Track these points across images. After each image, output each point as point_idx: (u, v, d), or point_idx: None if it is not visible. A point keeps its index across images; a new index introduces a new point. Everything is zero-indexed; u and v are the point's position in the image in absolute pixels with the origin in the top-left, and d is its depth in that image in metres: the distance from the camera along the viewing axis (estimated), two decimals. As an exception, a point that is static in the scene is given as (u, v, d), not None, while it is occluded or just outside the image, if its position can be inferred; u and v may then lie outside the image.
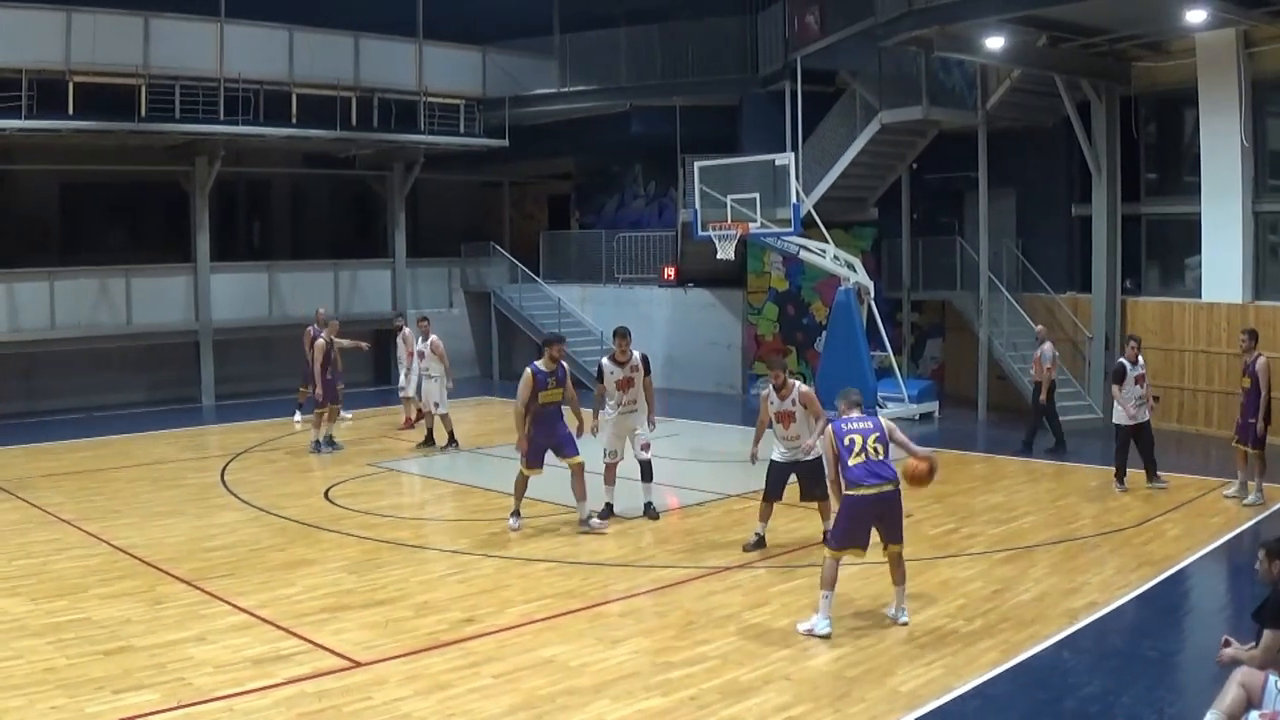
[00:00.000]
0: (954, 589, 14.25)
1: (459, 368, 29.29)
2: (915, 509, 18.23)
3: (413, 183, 37.03)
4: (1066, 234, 29.88)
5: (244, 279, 34.07)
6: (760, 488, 16.37)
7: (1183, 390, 26.65)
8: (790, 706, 10.52)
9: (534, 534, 17.23)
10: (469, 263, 39.62)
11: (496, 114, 36.20)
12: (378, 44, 34.22)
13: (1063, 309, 29.02)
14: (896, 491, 12.83)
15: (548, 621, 13.00)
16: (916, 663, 11.62)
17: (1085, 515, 18.37)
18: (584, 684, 11.07)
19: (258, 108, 31.54)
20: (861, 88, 30.66)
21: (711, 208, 28.19)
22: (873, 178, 32.06)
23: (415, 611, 13.36)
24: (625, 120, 36.49)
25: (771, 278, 33.51)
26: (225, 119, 30.74)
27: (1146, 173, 28.73)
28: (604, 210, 40.30)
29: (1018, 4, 23.83)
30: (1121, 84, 27.47)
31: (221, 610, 13.34)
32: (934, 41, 25.16)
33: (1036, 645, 12.13)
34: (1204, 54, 25.70)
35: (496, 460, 22.49)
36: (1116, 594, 13.95)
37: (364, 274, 36.77)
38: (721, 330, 33.52)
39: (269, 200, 39.97)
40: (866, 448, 12.76)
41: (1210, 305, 26.07)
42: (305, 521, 17.83)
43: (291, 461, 23.47)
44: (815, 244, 28.39)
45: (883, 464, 12.73)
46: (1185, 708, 10.17)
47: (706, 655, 11.85)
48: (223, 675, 11.17)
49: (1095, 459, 23.30)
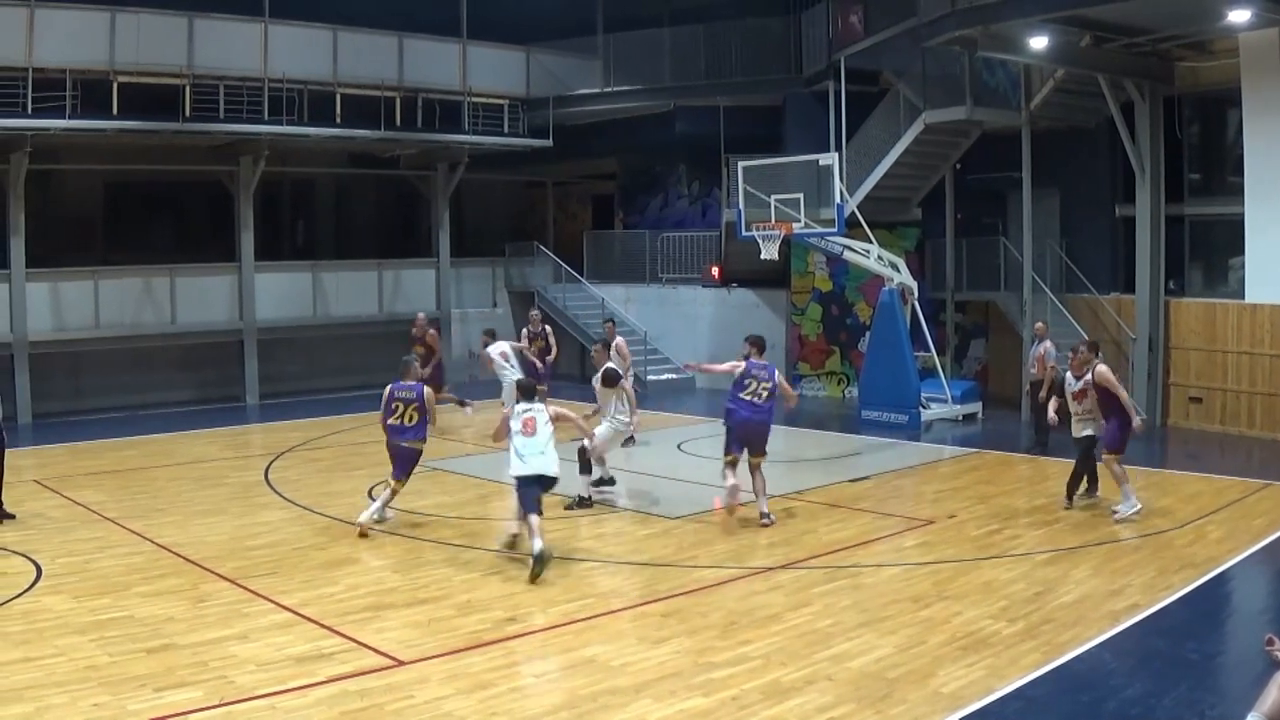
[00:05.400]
0: (996, 590, 14.19)
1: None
2: (959, 509, 18.29)
3: (457, 182, 37.03)
4: (1110, 235, 29.81)
5: (288, 279, 34.14)
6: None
7: (1225, 392, 26.51)
8: (832, 707, 10.51)
9: (577, 533, 17.30)
10: (513, 262, 39.70)
11: (540, 114, 36.25)
12: (422, 44, 34.29)
13: (1106, 310, 28.91)
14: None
15: (589, 621, 13.00)
16: (958, 664, 11.59)
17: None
18: (625, 684, 11.06)
19: (302, 108, 31.67)
20: (905, 88, 30.61)
21: (755, 208, 28.21)
22: (916, 178, 32.02)
23: (457, 610, 13.36)
24: (669, 120, 36.51)
25: (815, 278, 33.47)
26: (269, 119, 30.84)
27: (1190, 173, 28.58)
28: (648, 210, 40.25)
29: (1061, 4, 23.73)
30: (1165, 84, 27.35)
31: (264, 608, 13.40)
32: (977, 41, 25.10)
33: (1078, 647, 12.08)
34: (1247, 54, 25.58)
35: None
36: (1159, 596, 13.88)
37: (408, 274, 36.81)
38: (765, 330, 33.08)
39: (313, 200, 40.13)
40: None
41: (1253, 306, 25.91)
42: (348, 520, 17.77)
43: (335, 460, 23.53)
44: (859, 244, 28.35)
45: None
46: (1226, 710, 10.12)
47: (749, 655, 11.83)
48: (265, 673, 11.22)
49: (1139, 460, 23.17)
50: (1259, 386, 25.83)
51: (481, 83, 35.52)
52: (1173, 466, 22.96)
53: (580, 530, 17.44)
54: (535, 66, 36.74)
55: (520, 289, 39.18)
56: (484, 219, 41.64)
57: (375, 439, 24.81)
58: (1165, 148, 27.35)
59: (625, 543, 16.87)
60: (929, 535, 17.15)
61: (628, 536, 17.23)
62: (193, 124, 29.90)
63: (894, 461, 23.39)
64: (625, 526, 17.84)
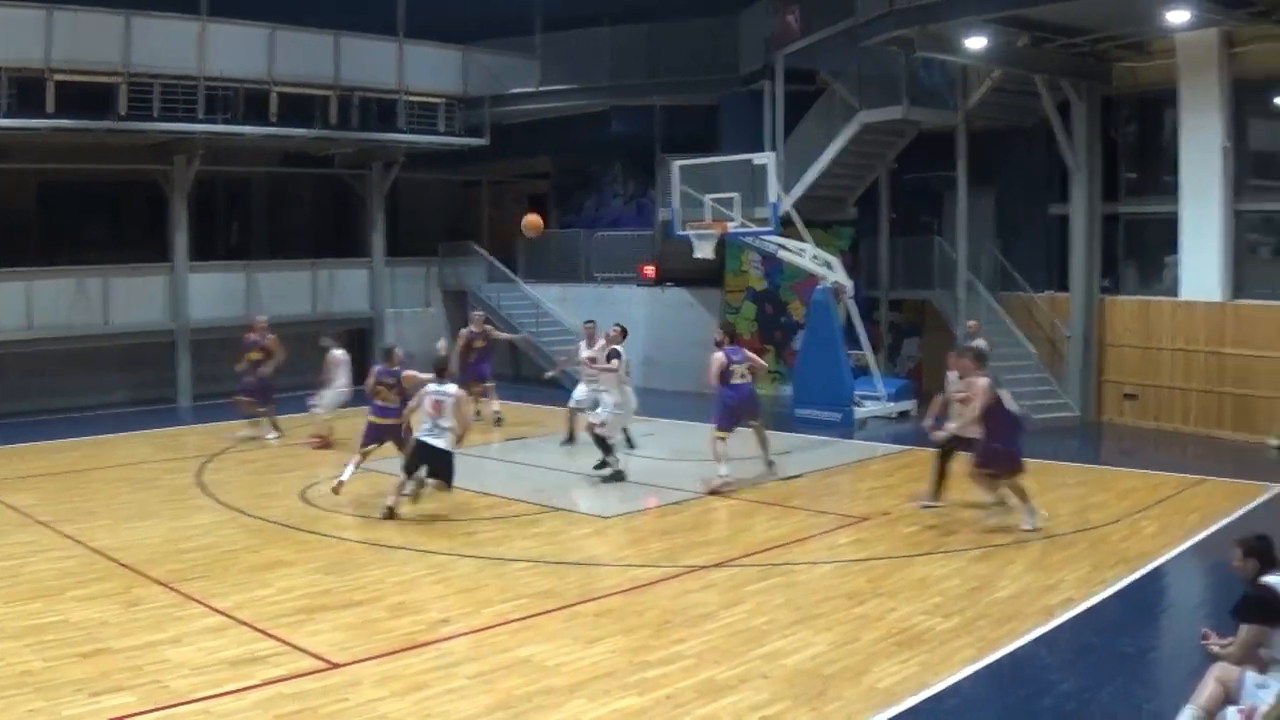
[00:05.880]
0: (930, 586, 14.24)
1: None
2: (893, 508, 18.32)
3: (392, 182, 36.87)
4: (1045, 233, 29.94)
5: (222, 279, 33.84)
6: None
7: (1159, 388, 26.77)
8: (767, 705, 10.49)
9: (511, 534, 17.20)
10: (447, 262, 39.47)
11: (476, 113, 36.13)
12: (358, 42, 34.04)
13: (1041, 308, 29.08)
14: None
15: (524, 621, 12.94)
16: (893, 660, 11.60)
17: (1062, 513, 18.31)
18: (560, 683, 11.02)
19: (237, 107, 31.43)
20: (842, 87, 30.63)
21: (690, 207, 28.18)
22: (852, 177, 32.06)
23: (391, 612, 13.28)
24: (605, 119, 36.44)
25: (749, 277, 33.45)
26: (205, 118, 30.60)
27: (1125, 172, 28.81)
28: (583, 209, 40.20)
29: (1000, 4, 23.85)
30: (1102, 84, 27.54)
31: (198, 612, 13.24)
32: (915, 41, 25.18)
33: (1013, 642, 12.13)
34: (1185, 54, 25.82)
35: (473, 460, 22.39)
36: (1093, 591, 13.96)
37: (342, 274, 36.60)
38: (700, 329, 33.33)
39: (248, 199, 39.82)
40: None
41: (1188, 303, 26.19)
42: (281, 522, 17.72)
43: (267, 462, 23.36)
44: (794, 243, 28.37)
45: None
46: (1162, 704, 10.12)
47: (683, 654, 11.81)
48: (200, 677, 11.10)
49: (1073, 457, 23.40)
50: (1193, 383, 26.08)
51: (418, 82, 35.35)
52: (1107, 463, 23.14)
53: (514, 531, 17.35)
54: (472, 65, 36.58)
55: (455, 288, 38.98)
56: (419, 218, 41.37)
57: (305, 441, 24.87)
58: (1101, 147, 27.57)
59: (559, 543, 16.82)
60: (863, 532, 17.18)
61: (562, 536, 17.19)
62: (128, 123, 29.56)
63: (828, 459, 23.43)
64: (559, 526, 17.78)
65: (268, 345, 25.52)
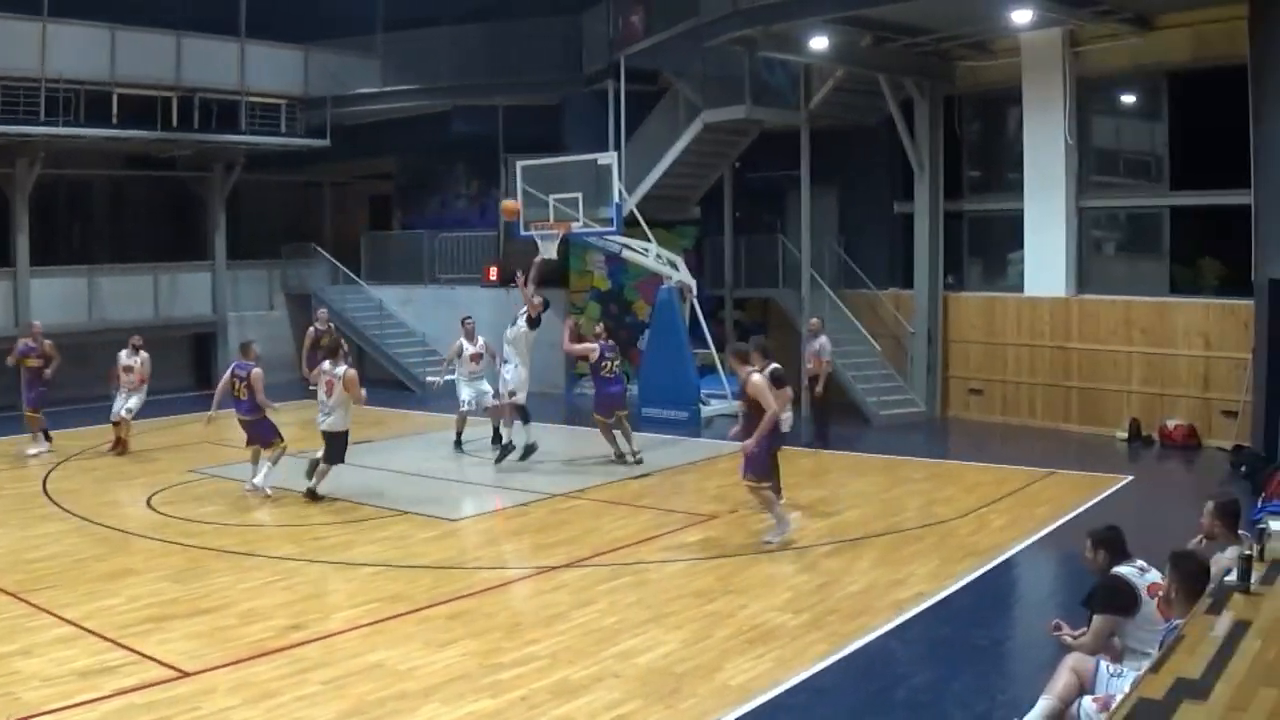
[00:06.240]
0: (780, 583, 14.22)
1: (278, 371, 28.60)
2: (741, 504, 18.25)
3: (233, 184, 36.27)
4: (889, 231, 30.17)
5: (64, 283, 33.05)
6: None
7: (1005, 383, 27.12)
8: (621, 704, 10.41)
9: (358, 538, 16.94)
10: (290, 264, 38.95)
11: (318, 114, 35.65)
12: (200, 43, 33.34)
13: (885, 305, 29.32)
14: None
15: (375, 626, 12.74)
16: (745, 656, 11.55)
17: (910, 507, 18.50)
18: (414, 688, 10.87)
19: (79, 108, 30.73)
20: (685, 87, 30.64)
21: (534, 207, 27.99)
22: (695, 176, 32.05)
23: (241, 619, 13.00)
24: (447, 120, 36.14)
25: (594, 277, 33.34)
26: (46, 120, 29.92)
27: (969, 170, 29.14)
28: (426, 210, 39.81)
29: (842, 4, 23.96)
30: (945, 83, 27.85)
31: (47, 622, 12.89)
32: (758, 41, 25.24)
33: (865, 636, 12.13)
34: (1029, 53, 26.19)
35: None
36: (944, 584, 14.03)
37: (184, 277, 35.88)
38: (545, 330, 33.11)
39: (90, 202, 39.04)
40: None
41: (1033, 299, 26.54)
42: (128, 530, 17.37)
43: (113, 470, 22.85)
44: (637, 243, 28.33)
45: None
46: (1017, 694, 10.13)
47: (536, 655, 11.69)
48: (51, 689, 10.81)
49: (919, 452, 23.57)
50: (1039, 377, 26.47)
51: (259, 82, 34.77)
52: (954, 457, 23.34)
53: (361, 535, 17.07)
54: (313, 65, 36.11)
55: (298, 291, 38.48)
56: (261, 220, 40.81)
57: (151, 447, 24.47)
58: (945, 145, 27.87)
59: (407, 546, 16.55)
60: (711, 530, 17.13)
61: (410, 540, 16.89)
62: (-31, 126, 28.90)
63: (675, 458, 23.39)
64: (407, 530, 17.49)
65: (46, 351, 24.87)
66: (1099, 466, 21.52)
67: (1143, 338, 24.87)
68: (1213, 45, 23.85)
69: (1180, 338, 24.39)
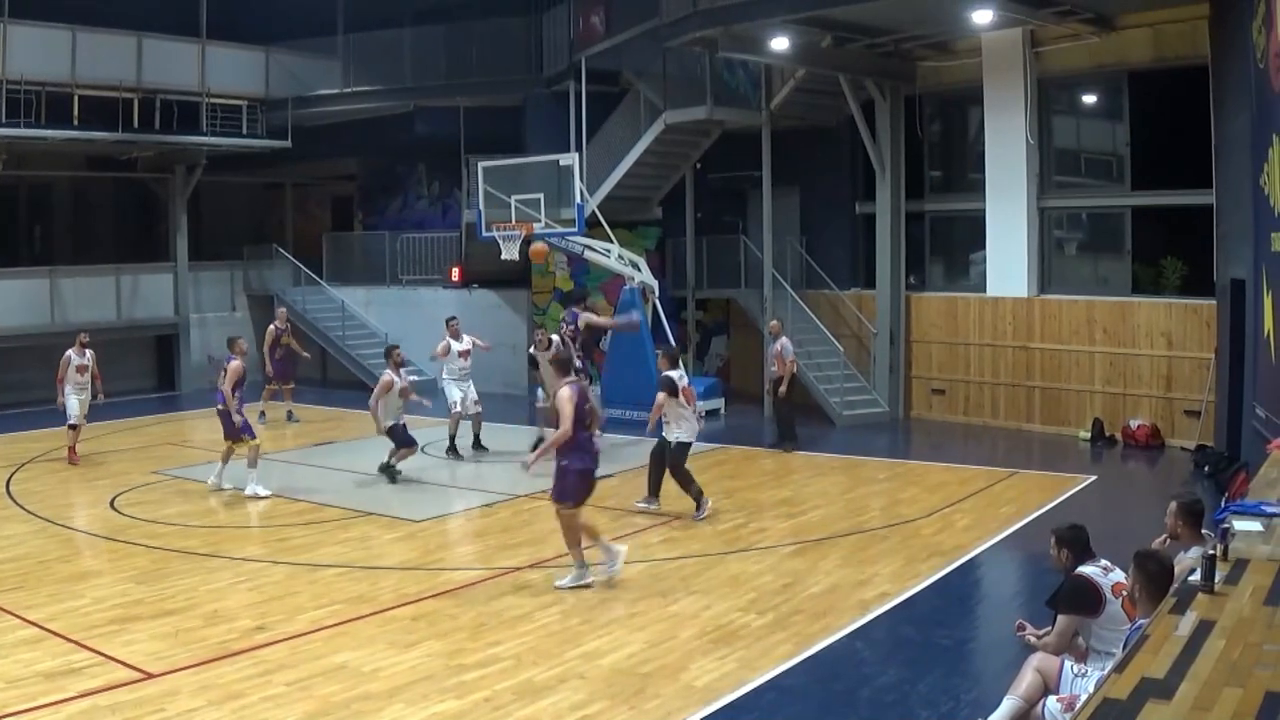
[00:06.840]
0: (745, 583, 14.23)
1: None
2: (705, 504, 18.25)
3: (195, 185, 36.11)
4: (851, 231, 30.20)
5: (25, 285, 32.90)
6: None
7: (968, 383, 27.16)
8: (585, 705, 10.42)
9: (323, 539, 16.91)
10: (252, 266, 38.85)
11: (279, 115, 35.50)
12: (161, 44, 33.16)
13: (847, 305, 29.34)
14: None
15: (339, 627, 12.74)
16: (710, 657, 11.57)
17: (874, 508, 18.55)
18: (378, 689, 10.87)
19: (39, 109, 30.57)
20: (646, 88, 30.60)
21: (496, 208, 27.93)
22: (657, 177, 32.01)
23: (205, 621, 12.99)
24: (409, 121, 36.04)
25: (556, 278, 33.28)
26: (6, 121, 29.76)
27: (931, 170, 29.17)
28: (388, 211, 39.77)
29: (804, 5, 23.93)
30: (906, 83, 27.86)
31: (11, 624, 12.88)
32: (719, 42, 25.18)
33: (830, 636, 12.16)
34: (990, 54, 26.21)
35: (281, 466, 22.08)
36: (908, 584, 14.06)
37: (145, 278, 35.67)
38: (507, 331, 33.20)
39: (50, 204, 38.93)
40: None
41: (995, 299, 26.61)
42: (92, 532, 17.42)
43: (76, 471, 22.70)
44: (600, 244, 28.27)
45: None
46: (982, 694, 10.18)
47: (500, 656, 11.70)
48: (15, 690, 10.80)
49: (883, 452, 23.62)
50: (1001, 377, 26.52)
51: (220, 83, 34.59)
52: (917, 457, 23.39)
53: (325, 536, 17.05)
54: (275, 66, 35.93)
55: (260, 293, 38.36)
56: (223, 222, 40.69)
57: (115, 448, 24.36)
58: (906, 146, 27.89)
59: (371, 547, 16.52)
60: (675, 531, 17.17)
61: (373, 541, 16.88)
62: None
63: (638, 458, 23.29)
64: (370, 531, 17.48)
65: None
66: (1062, 466, 21.61)
67: (1105, 338, 24.94)
68: (1173, 45, 23.94)
69: (1143, 337, 24.46)
